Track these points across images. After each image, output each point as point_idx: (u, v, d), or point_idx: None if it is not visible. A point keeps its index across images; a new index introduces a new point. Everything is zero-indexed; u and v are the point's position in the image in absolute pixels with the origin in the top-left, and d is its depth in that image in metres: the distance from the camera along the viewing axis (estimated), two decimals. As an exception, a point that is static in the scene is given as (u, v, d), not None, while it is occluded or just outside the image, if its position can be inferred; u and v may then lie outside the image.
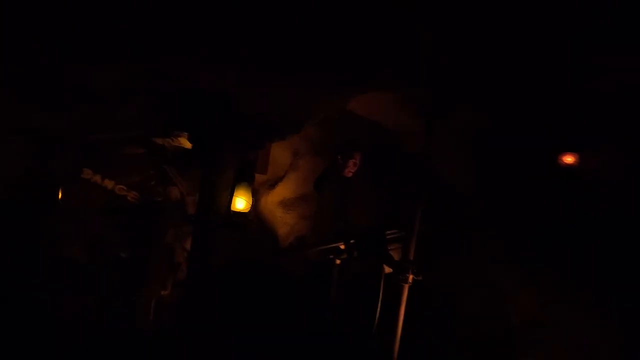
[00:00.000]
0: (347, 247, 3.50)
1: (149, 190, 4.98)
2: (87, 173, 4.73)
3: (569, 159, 3.25)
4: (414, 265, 3.11)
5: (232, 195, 3.92)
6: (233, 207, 4.12)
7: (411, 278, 3.08)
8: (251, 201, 4.31)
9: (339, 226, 3.76)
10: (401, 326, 3.11)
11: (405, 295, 3.11)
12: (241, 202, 4.20)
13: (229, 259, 4.31)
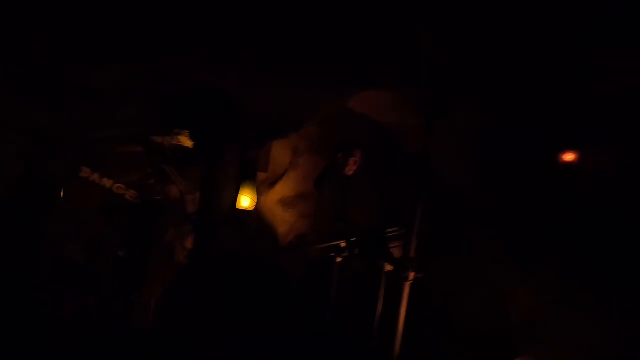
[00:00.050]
0: (348, 245, 3.49)
1: (148, 189, 4.95)
2: (86, 172, 4.68)
3: (569, 157, 3.25)
4: (415, 262, 3.10)
5: (237, 193, 3.92)
6: (238, 205, 4.12)
7: (412, 275, 3.06)
8: (256, 199, 4.31)
9: (339, 225, 3.76)
10: (402, 324, 3.10)
11: (406, 292, 3.09)
12: (246, 200, 4.20)
13: (230, 258, 4.31)
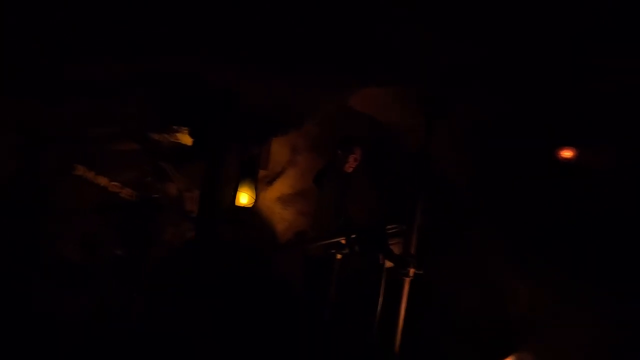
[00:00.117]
0: (348, 242, 3.49)
1: (146, 186, 4.92)
2: (80, 169, 4.63)
3: (568, 154, 3.25)
4: (415, 258, 3.09)
5: (237, 190, 3.89)
6: (237, 202, 4.09)
7: (412, 272, 3.05)
8: (254, 196, 4.28)
9: (339, 222, 3.76)
10: (402, 321, 3.09)
11: (406, 289, 3.08)
12: (244, 197, 4.16)
13: (229, 256, 4.30)
